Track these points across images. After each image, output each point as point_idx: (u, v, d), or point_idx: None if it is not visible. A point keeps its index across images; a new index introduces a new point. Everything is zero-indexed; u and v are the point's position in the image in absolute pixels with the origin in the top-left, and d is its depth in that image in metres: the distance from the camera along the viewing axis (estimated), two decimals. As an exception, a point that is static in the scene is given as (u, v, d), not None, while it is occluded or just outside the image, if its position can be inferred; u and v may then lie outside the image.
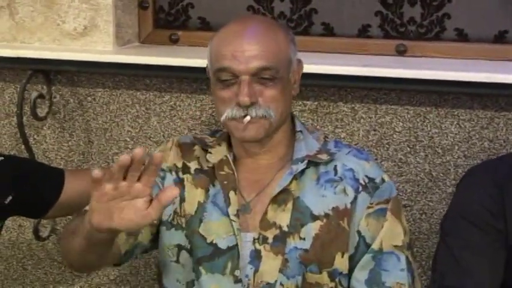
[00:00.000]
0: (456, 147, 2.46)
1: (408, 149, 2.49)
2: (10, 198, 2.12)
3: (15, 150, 2.77)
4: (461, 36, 2.57)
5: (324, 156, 2.02)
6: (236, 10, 2.69)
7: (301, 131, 2.06)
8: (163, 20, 2.81)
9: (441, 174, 2.47)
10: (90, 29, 2.67)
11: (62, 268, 2.87)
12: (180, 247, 1.99)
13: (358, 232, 1.95)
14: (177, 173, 2.06)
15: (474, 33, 2.56)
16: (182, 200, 2.02)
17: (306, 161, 1.98)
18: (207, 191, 2.02)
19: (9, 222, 2.53)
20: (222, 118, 1.95)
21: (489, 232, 2.01)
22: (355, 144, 2.48)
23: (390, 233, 1.97)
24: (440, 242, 2.12)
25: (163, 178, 2.06)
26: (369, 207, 1.97)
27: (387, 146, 2.50)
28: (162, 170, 2.05)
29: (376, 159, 2.44)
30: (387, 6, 2.59)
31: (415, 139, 2.48)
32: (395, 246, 1.95)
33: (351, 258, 1.97)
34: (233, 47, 1.92)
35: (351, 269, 1.98)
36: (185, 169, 2.05)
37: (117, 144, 2.72)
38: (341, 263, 1.95)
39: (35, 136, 2.79)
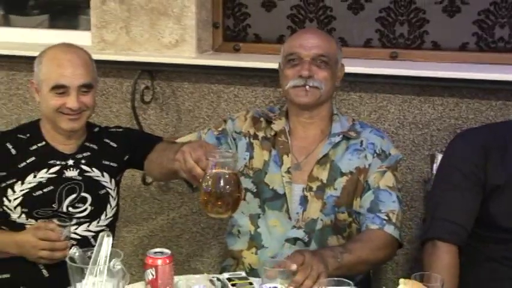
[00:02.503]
0: (432, 123, 2.78)
1: (398, 124, 2.82)
2: (127, 157, 2.46)
3: (130, 124, 3.09)
4: (436, 46, 2.87)
5: (353, 133, 2.29)
6: (279, 29, 3.02)
7: (336, 114, 2.34)
8: (229, 36, 3.13)
9: (421, 142, 2.81)
10: (180, 42, 2.99)
11: (160, 204, 3.21)
12: (246, 190, 2.26)
13: (366, 181, 2.27)
14: (249, 138, 2.30)
15: (445, 44, 2.87)
16: (251, 157, 2.30)
17: (341, 136, 2.27)
18: (270, 152, 2.28)
19: (125, 172, 2.61)
20: (286, 87, 2.22)
21: (471, 178, 2.13)
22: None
23: (386, 179, 2.27)
24: (433, 184, 2.31)
25: (235, 139, 2.31)
26: (378, 168, 2.28)
27: (384, 122, 2.84)
28: (238, 133, 2.32)
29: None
30: (384, 25, 2.92)
31: (403, 117, 2.81)
32: (388, 186, 2.26)
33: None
34: (300, 39, 2.26)
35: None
36: (255, 136, 2.32)
37: (198, 121, 3.07)
38: (356, 204, 2.27)
39: (143, 115, 3.13)
